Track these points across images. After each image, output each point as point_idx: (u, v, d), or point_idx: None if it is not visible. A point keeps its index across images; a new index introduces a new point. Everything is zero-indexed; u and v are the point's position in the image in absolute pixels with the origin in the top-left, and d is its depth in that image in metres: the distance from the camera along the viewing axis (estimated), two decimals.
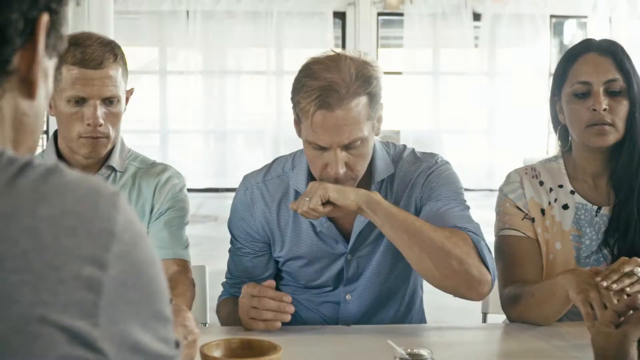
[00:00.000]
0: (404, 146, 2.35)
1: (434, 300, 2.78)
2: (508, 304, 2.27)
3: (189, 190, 2.71)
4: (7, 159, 0.87)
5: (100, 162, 2.32)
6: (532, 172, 2.30)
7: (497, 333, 2.24)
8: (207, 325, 2.50)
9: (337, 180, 2.16)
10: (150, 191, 2.36)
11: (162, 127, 6.52)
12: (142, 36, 6.75)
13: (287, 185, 2.32)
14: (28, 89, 0.93)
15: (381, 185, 2.28)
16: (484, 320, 2.53)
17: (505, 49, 6.96)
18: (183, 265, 2.43)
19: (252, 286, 2.11)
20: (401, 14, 6.98)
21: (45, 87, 0.98)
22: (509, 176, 2.32)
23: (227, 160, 6.82)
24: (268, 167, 2.40)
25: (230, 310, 2.30)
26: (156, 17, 6.66)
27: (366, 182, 2.27)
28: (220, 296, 2.40)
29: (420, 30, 6.98)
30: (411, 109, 7.09)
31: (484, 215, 2.46)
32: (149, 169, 2.39)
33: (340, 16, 7.00)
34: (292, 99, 2.20)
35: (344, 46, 7.28)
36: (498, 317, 2.37)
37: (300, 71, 2.16)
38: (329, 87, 2.09)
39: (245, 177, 2.39)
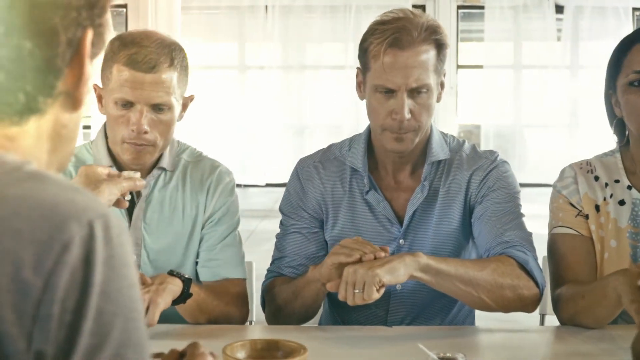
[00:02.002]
0: (464, 140, 2.34)
1: None
2: (559, 306, 2.22)
3: (268, 185, 2.71)
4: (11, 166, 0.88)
5: (152, 162, 2.32)
6: (587, 167, 2.25)
7: (546, 336, 2.20)
8: (252, 323, 2.50)
9: (400, 128, 2.17)
10: (203, 194, 2.35)
11: (241, 122, 6.56)
12: (221, 32, 6.80)
13: (343, 166, 2.33)
14: (73, 103, 0.95)
15: (437, 167, 2.28)
16: (542, 321, 2.47)
17: (588, 42, 6.81)
18: (241, 286, 2.40)
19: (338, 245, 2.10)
20: (482, 7, 6.89)
21: (88, 90, 1.01)
22: (563, 171, 2.27)
23: (306, 155, 6.95)
24: (325, 150, 2.42)
25: (286, 285, 2.30)
26: (235, 12, 6.71)
27: (421, 161, 2.28)
28: (264, 281, 2.40)
29: (501, 23, 6.87)
30: (492, 103, 7.00)
31: None
32: (198, 163, 2.39)
33: (419, 9, 6.94)
34: (362, 45, 2.23)
35: None
36: (555, 319, 2.33)
37: (373, 22, 2.21)
38: (402, 27, 2.13)
39: (301, 159, 2.41)
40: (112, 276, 0.83)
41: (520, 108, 7.00)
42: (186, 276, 2.09)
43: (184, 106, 2.31)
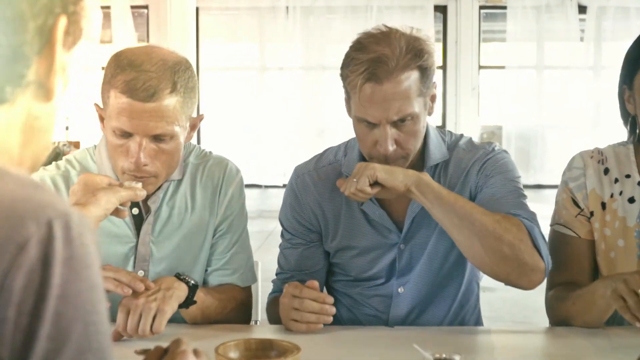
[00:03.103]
0: (461, 135, 2.30)
1: (511, 297, 2.72)
2: (550, 308, 2.20)
3: (286, 186, 2.68)
4: None
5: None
6: (598, 156, 2.18)
7: (546, 337, 2.18)
8: (258, 322, 2.50)
9: (387, 159, 2.12)
10: (215, 194, 2.31)
11: (261, 123, 6.56)
12: (241, 32, 6.81)
13: (339, 173, 2.30)
14: (45, 94, 0.91)
15: (435, 170, 2.24)
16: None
17: (611, 43, 6.75)
18: (246, 293, 2.38)
19: (293, 286, 2.09)
20: (504, 7, 6.86)
21: (63, 82, 0.97)
22: (572, 160, 2.21)
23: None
24: (319, 156, 2.38)
25: (277, 309, 2.30)
26: (256, 13, 6.72)
27: (419, 166, 2.24)
28: (270, 293, 2.40)
29: (524, 23, 6.84)
30: (514, 104, 6.96)
31: None
32: (205, 163, 2.32)
33: (441, 10, 6.92)
34: (341, 74, 2.17)
35: (444, 41, 7.20)
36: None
37: (351, 46, 2.14)
38: (377, 59, 2.06)
39: (296, 167, 2.37)
40: (72, 278, 0.79)
41: (542, 109, 6.96)
42: (193, 282, 2.07)
43: (193, 127, 2.16)
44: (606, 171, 2.17)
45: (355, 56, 2.12)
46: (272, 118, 6.69)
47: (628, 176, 2.17)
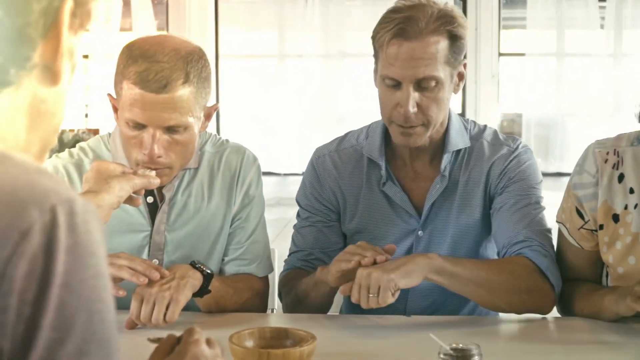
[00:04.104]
0: (485, 126, 2.31)
1: None
2: (560, 306, 2.19)
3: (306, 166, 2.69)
4: None
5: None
6: (613, 159, 2.09)
7: (561, 326, 2.18)
8: (274, 311, 2.51)
9: (406, 121, 2.14)
10: (232, 184, 2.31)
11: (280, 110, 6.56)
12: (260, 20, 6.80)
13: (360, 155, 2.32)
14: (51, 77, 0.91)
15: (457, 156, 2.25)
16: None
17: (631, 31, 6.70)
18: (263, 282, 2.38)
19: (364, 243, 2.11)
20: None
21: (70, 67, 0.97)
22: (585, 161, 2.12)
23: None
24: (341, 139, 2.41)
25: (295, 284, 2.30)
26: (275, 0, 6.70)
27: (439, 151, 2.25)
28: (282, 272, 2.40)
29: (544, 10, 6.79)
30: (534, 91, 6.91)
31: None
32: (222, 152, 2.33)
33: None
34: (372, 35, 2.21)
35: None
36: None
37: (384, 12, 2.19)
38: (409, 18, 2.11)
39: (317, 148, 2.40)
40: (76, 266, 0.78)
41: (562, 96, 6.92)
42: (208, 271, 2.08)
43: (208, 116, 2.17)
44: (621, 178, 2.06)
45: (388, 15, 2.17)
46: (290, 106, 6.67)
47: None
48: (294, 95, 6.75)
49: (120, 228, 2.23)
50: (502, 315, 2.29)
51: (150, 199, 2.24)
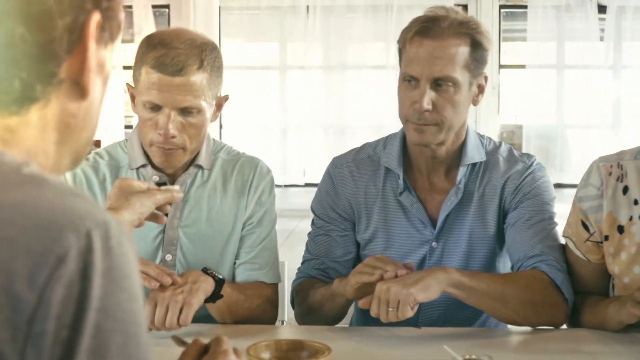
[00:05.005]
0: (501, 142, 2.34)
1: None
2: (568, 316, 2.22)
3: (308, 185, 2.72)
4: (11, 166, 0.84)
5: (189, 160, 2.32)
6: (617, 172, 2.10)
7: (574, 338, 2.18)
8: (284, 323, 2.52)
9: (420, 119, 2.17)
10: (245, 189, 2.35)
11: (282, 123, 6.58)
12: (262, 32, 6.83)
13: (377, 166, 2.34)
14: (79, 92, 0.91)
15: (472, 170, 2.28)
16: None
17: (631, 43, 6.74)
18: (273, 290, 2.40)
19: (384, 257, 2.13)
20: (524, 7, 6.85)
21: (101, 80, 0.95)
22: (589, 175, 2.14)
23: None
24: (359, 150, 2.43)
25: (313, 290, 2.31)
26: (276, 12, 6.73)
27: (456, 164, 2.28)
28: (295, 280, 2.42)
29: (544, 22, 6.83)
30: (534, 103, 6.95)
31: None
32: (236, 161, 2.38)
33: (462, 8, 6.91)
34: (398, 39, 2.25)
35: None
36: None
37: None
38: (433, 18, 2.16)
39: (335, 158, 2.42)
40: (111, 289, 0.78)
41: (562, 108, 6.95)
42: (219, 276, 2.11)
43: (218, 106, 2.27)
44: (625, 190, 2.08)
45: (414, 19, 2.21)
46: (292, 117, 6.70)
47: None
48: (295, 107, 6.78)
49: None
50: (511, 326, 2.30)
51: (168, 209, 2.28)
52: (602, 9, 6.71)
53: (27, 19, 0.85)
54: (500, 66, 7.01)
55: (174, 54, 2.10)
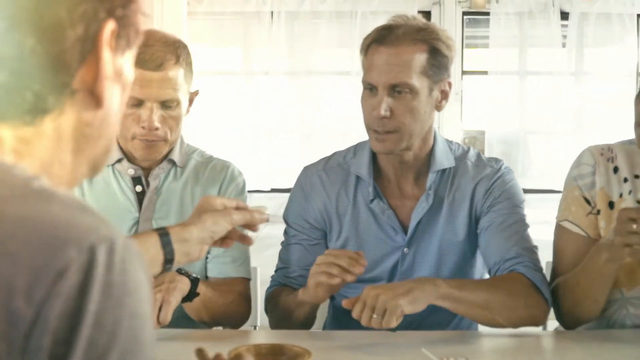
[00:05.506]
0: (469, 147, 2.36)
1: None
2: (558, 297, 2.24)
3: (274, 190, 2.74)
4: (20, 179, 0.83)
5: (162, 156, 2.38)
6: (608, 154, 2.21)
7: (548, 340, 2.21)
8: (257, 328, 2.52)
9: (380, 125, 2.19)
10: (214, 191, 2.39)
11: (246, 128, 6.56)
12: (226, 37, 6.81)
13: (347, 174, 2.35)
14: (94, 101, 0.91)
15: (442, 176, 2.29)
16: (544, 326, 2.50)
17: (593, 49, 6.80)
18: (245, 285, 2.44)
19: (336, 250, 2.13)
20: (487, 13, 6.89)
21: (119, 87, 0.96)
22: (581, 156, 2.24)
23: (312, 161, 6.94)
24: (328, 158, 2.45)
25: (278, 300, 2.32)
26: (241, 17, 6.71)
27: (425, 170, 2.30)
28: (268, 288, 2.43)
29: (506, 29, 6.87)
30: (497, 109, 6.99)
31: None
32: (208, 162, 2.45)
33: (425, 16, 6.91)
34: (360, 48, 2.27)
35: None
36: (551, 324, 2.34)
37: None
38: (389, 26, 2.18)
39: (305, 167, 2.44)
40: (110, 305, 0.77)
41: (524, 114, 7.00)
42: (194, 276, 2.14)
43: (190, 101, 2.38)
44: (615, 170, 2.21)
45: (375, 28, 2.22)
46: (257, 123, 6.68)
47: (637, 177, 2.20)
48: (259, 112, 6.76)
49: (108, 214, 2.26)
50: (486, 329, 2.31)
51: (139, 188, 2.38)
52: (564, 15, 6.76)
53: (37, 30, 0.85)
54: (463, 72, 7.05)
55: (152, 50, 2.21)
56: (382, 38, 2.21)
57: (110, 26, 0.91)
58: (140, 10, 0.97)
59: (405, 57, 2.19)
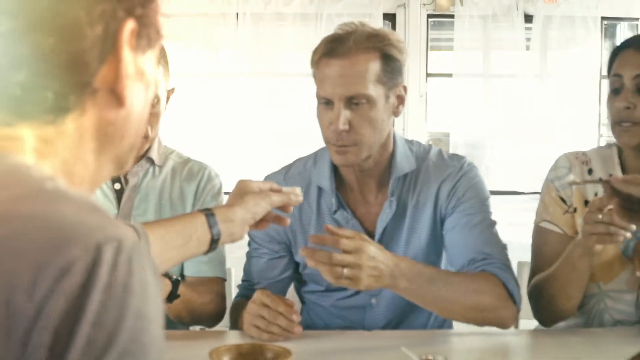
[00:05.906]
0: (430, 145, 2.34)
1: None
2: (536, 295, 2.25)
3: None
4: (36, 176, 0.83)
5: (141, 153, 2.40)
6: (582, 158, 2.29)
7: (524, 339, 2.22)
8: (229, 329, 2.52)
9: (339, 140, 2.15)
10: (191, 190, 2.40)
11: (212, 129, 6.54)
12: (192, 39, 6.78)
13: (308, 182, 2.32)
14: (116, 100, 0.90)
15: (404, 181, 2.27)
16: (516, 325, 2.51)
17: (556, 51, 6.86)
18: (221, 285, 2.45)
19: (266, 295, 2.10)
20: (451, 16, 6.92)
21: (142, 85, 0.95)
22: (557, 161, 2.30)
23: (277, 163, 6.91)
24: (289, 167, 2.40)
25: (240, 313, 2.31)
26: (206, 19, 6.69)
27: (386, 176, 2.27)
28: (235, 297, 2.42)
29: (471, 32, 6.90)
30: (461, 111, 7.03)
31: (532, 219, 2.43)
32: (186, 164, 2.46)
33: (390, 18, 6.96)
34: (310, 61, 2.23)
35: None
36: (530, 323, 2.35)
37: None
38: (338, 37, 2.13)
39: (266, 177, 2.39)
40: (112, 305, 0.75)
41: (489, 116, 7.04)
42: (174, 277, 2.15)
43: (167, 98, 2.40)
44: (590, 171, 2.26)
45: (322, 39, 2.18)
46: (223, 125, 6.66)
47: (612, 176, 2.22)
48: (225, 114, 6.73)
49: None
50: (465, 328, 2.31)
51: (117, 186, 2.39)
52: (528, 18, 6.81)
53: (56, 29, 0.85)
54: (428, 75, 7.08)
55: None
56: (332, 50, 2.16)
57: (129, 25, 0.91)
58: (160, 10, 0.97)
59: (359, 68, 2.14)
